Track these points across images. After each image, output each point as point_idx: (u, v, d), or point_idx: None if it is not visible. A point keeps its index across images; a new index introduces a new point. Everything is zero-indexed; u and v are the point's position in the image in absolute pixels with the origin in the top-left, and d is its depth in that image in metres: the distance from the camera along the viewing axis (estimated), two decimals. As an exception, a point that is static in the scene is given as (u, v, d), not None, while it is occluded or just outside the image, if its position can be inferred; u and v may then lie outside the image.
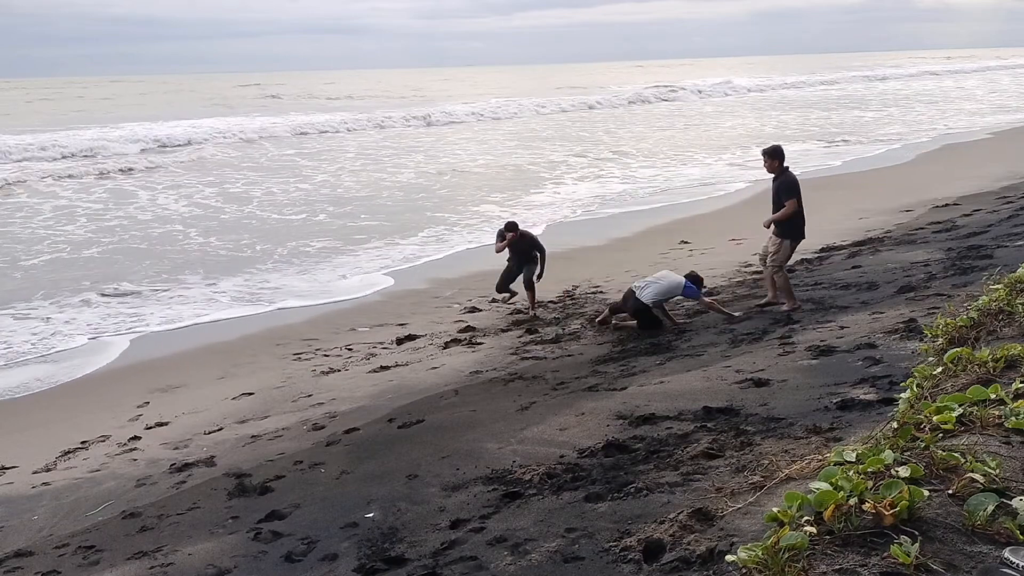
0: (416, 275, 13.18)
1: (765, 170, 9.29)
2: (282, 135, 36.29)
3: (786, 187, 8.96)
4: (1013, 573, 1.94)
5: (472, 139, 34.81)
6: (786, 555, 2.04)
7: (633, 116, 44.93)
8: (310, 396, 8.06)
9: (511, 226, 11.29)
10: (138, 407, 8.28)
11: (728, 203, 18.27)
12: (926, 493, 2.18)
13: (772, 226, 9.10)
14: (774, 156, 9.08)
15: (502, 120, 44.50)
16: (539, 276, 10.97)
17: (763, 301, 9.16)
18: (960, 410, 2.75)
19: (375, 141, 34.63)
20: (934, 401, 2.89)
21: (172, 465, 6.57)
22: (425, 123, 42.17)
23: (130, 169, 26.56)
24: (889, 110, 42.09)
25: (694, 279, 9.17)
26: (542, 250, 11.04)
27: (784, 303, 8.94)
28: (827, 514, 2.15)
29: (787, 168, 9.13)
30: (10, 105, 62.87)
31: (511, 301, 11.18)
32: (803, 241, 9.38)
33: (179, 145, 32.63)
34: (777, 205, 9.03)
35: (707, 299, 9.33)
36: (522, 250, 11.09)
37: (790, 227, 8.99)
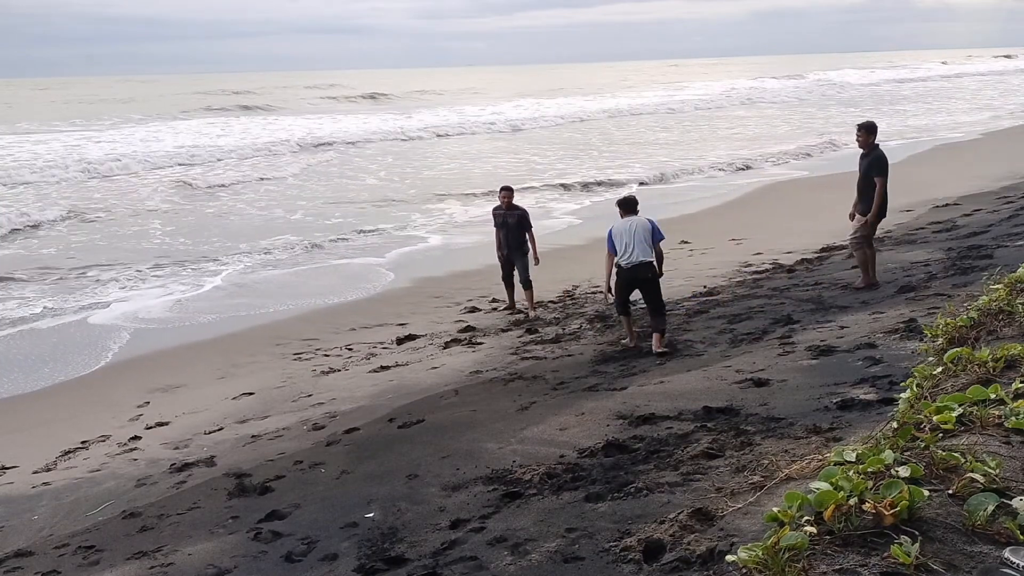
0: (417, 273, 13.19)
1: (857, 145, 9.33)
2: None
3: (877, 164, 9.05)
4: (1013, 573, 1.94)
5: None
6: (786, 555, 2.04)
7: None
8: (310, 396, 8.06)
9: (505, 188, 11.13)
10: (138, 407, 8.28)
11: (728, 203, 18.28)
12: (926, 493, 2.18)
13: (858, 208, 9.23)
14: (870, 131, 9.18)
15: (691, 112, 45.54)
16: (536, 260, 10.86)
17: (860, 284, 9.21)
18: (960, 410, 2.75)
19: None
20: (934, 401, 2.88)
21: (172, 465, 6.57)
22: (613, 116, 44.03)
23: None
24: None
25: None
26: (531, 229, 10.91)
27: (860, 280, 9.19)
28: (827, 514, 2.15)
29: (878, 145, 9.22)
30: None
31: (508, 309, 10.98)
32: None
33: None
34: (865, 181, 9.13)
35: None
36: (511, 226, 10.84)
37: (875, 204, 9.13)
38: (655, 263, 8.09)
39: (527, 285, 10.72)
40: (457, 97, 64.44)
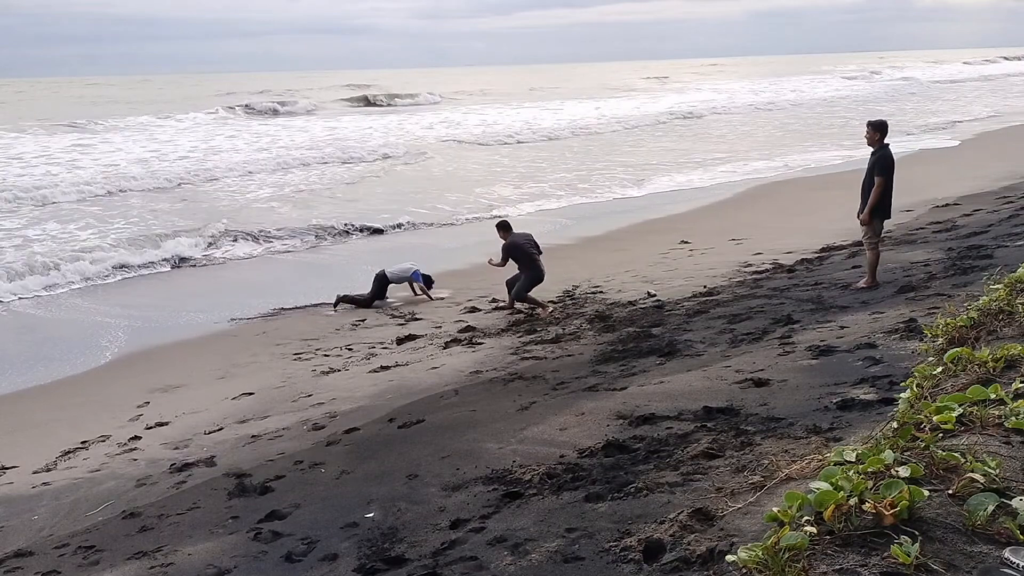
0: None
1: (866, 142, 9.32)
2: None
3: (881, 164, 9.06)
4: (1013, 573, 1.94)
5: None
6: (786, 555, 2.04)
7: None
8: (310, 396, 8.06)
9: (501, 226, 11.39)
10: (138, 407, 8.29)
11: (728, 203, 18.28)
12: (926, 493, 2.18)
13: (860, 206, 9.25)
14: (877, 129, 9.16)
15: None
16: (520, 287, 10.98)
17: (863, 283, 9.20)
18: (960, 410, 2.75)
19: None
20: (934, 401, 2.88)
21: (172, 465, 6.57)
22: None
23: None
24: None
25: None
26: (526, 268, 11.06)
27: (863, 280, 9.19)
28: (827, 514, 2.15)
29: (887, 144, 9.20)
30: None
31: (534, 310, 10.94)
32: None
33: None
34: (870, 179, 9.14)
35: (420, 286, 12.10)
36: (515, 256, 11.10)
37: (877, 205, 9.11)
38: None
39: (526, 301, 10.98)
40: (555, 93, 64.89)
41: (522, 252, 11.05)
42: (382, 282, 12.05)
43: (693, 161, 25.68)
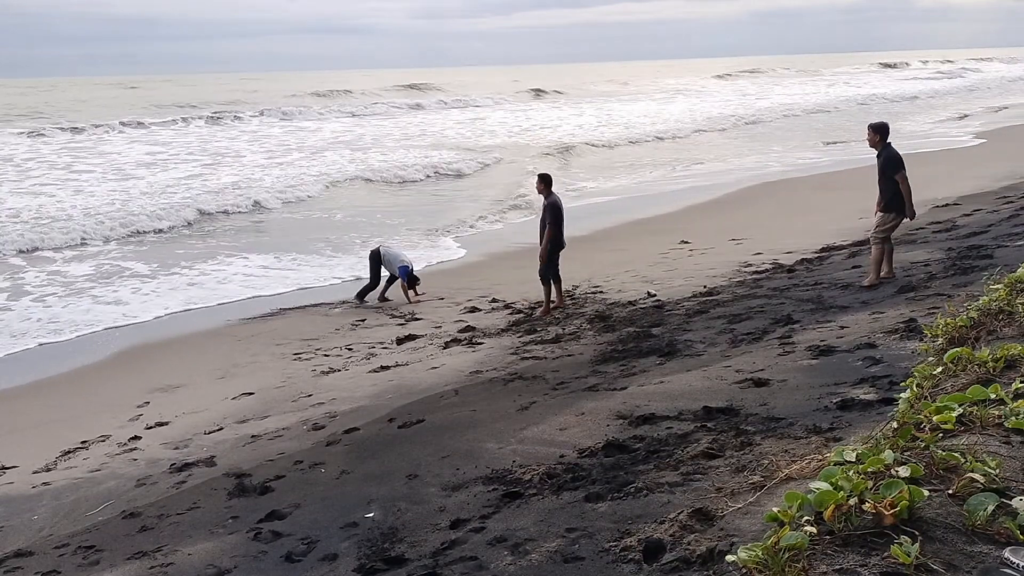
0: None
1: (868, 144, 9.46)
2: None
3: (892, 163, 9.18)
4: (1013, 573, 1.94)
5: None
6: (786, 555, 2.04)
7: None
8: (310, 396, 8.06)
9: (541, 177, 10.76)
10: (138, 407, 8.29)
11: (727, 202, 18.27)
12: (926, 493, 2.18)
13: (879, 205, 9.32)
14: (877, 131, 9.30)
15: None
16: (540, 258, 10.55)
17: (867, 282, 9.23)
18: (960, 410, 2.74)
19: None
20: (934, 401, 2.88)
21: (172, 465, 6.58)
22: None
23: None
24: None
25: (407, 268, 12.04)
26: (548, 227, 10.48)
27: (867, 279, 9.23)
28: (827, 514, 2.15)
29: (889, 144, 9.32)
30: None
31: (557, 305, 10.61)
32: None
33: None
34: (883, 178, 9.25)
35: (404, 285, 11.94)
36: (542, 218, 10.68)
37: (895, 201, 9.20)
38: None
39: (541, 280, 10.57)
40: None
41: (559, 214, 10.55)
42: (377, 260, 12.05)
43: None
